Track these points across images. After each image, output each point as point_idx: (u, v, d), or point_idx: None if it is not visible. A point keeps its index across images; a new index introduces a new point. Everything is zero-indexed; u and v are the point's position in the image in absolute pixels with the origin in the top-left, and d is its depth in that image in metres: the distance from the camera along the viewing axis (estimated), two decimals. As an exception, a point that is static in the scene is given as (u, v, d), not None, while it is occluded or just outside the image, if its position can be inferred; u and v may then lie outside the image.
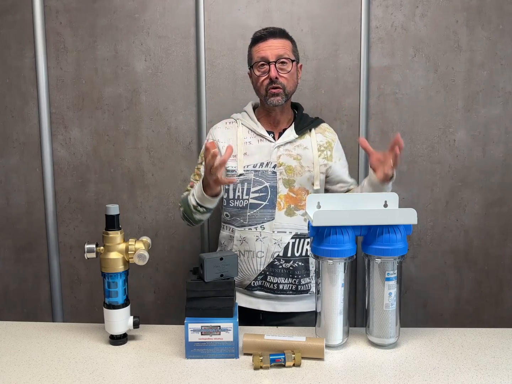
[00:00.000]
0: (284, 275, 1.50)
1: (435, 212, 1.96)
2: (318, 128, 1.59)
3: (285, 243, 1.49)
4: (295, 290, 1.51)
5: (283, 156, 1.50)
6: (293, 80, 1.50)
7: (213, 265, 1.17)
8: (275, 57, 1.45)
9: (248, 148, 1.52)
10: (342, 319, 1.18)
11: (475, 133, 1.92)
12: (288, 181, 1.49)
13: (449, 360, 1.13)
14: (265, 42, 1.46)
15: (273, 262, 1.49)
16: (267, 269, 1.50)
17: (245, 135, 1.54)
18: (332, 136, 1.61)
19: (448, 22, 1.86)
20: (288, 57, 1.47)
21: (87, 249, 1.21)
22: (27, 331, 1.31)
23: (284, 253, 1.49)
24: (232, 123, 1.59)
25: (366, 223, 1.16)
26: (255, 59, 1.48)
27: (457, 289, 2.00)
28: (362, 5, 1.85)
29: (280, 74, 1.46)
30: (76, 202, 2.01)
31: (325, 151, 1.56)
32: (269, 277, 1.50)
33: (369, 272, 1.20)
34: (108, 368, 1.11)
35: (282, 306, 1.52)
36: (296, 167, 1.50)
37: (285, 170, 1.49)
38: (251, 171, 1.50)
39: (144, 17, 1.90)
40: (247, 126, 1.55)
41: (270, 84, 1.46)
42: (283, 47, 1.47)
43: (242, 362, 1.12)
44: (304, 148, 1.53)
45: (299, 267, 1.51)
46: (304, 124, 1.56)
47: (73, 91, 1.95)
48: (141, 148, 1.97)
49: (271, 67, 1.44)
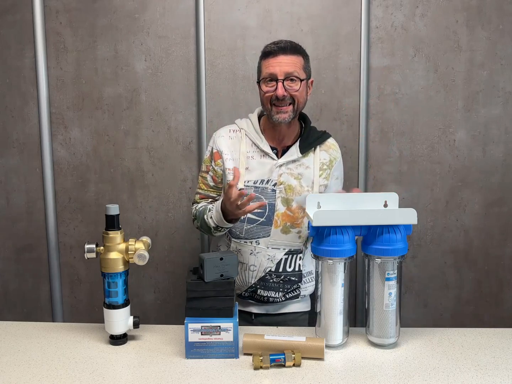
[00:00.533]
0: (275, 288, 1.50)
1: (435, 212, 1.96)
2: (324, 145, 1.54)
3: (278, 259, 1.49)
4: (285, 299, 1.52)
5: (284, 175, 1.47)
6: (302, 97, 1.44)
7: (213, 265, 1.17)
8: (284, 74, 1.39)
9: (250, 163, 1.48)
10: (342, 319, 1.18)
11: (475, 133, 1.92)
12: (286, 200, 1.47)
13: (449, 360, 1.13)
14: (275, 58, 1.40)
15: (264, 277, 1.49)
16: (258, 282, 1.49)
17: (248, 149, 1.50)
18: (336, 155, 1.56)
19: (448, 22, 1.86)
20: (297, 76, 1.40)
21: (87, 249, 1.21)
22: (27, 331, 1.31)
23: (276, 269, 1.49)
24: (236, 132, 1.54)
25: (366, 223, 1.16)
26: (263, 74, 1.43)
27: (457, 289, 2.00)
28: (362, 5, 1.85)
29: (289, 90, 1.40)
30: (76, 202, 2.01)
31: (327, 170, 1.53)
32: (259, 291, 1.50)
33: (369, 272, 1.20)
34: (108, 368, 1.11)
35: (273, 309, 1.54)
36: (296, 186, 1.47)
37: (284, 189, 1.47)
38: (251, 187, 1.47)
39: (144, 17, 1.89)
40: (251, 139, 1.50)
41: (276, 101, 1.41)
42: (294, 64, 1.40)
43: (242, 362, 1.12)
44: (306, 167, 1.49)
45: (290, 281, 1.51)
46: (310, 141, 1.51)
47: (73, 91, 1.95)
48: (141, 148, 1.97)
49: (279, 85, 1.39)
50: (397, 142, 1.92)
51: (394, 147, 1.93)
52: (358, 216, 1.15)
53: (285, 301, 1.52)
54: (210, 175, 1.54)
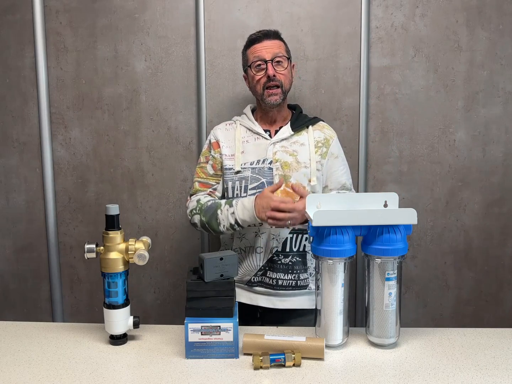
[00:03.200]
0: (284, 270, 1.52)
1: (435, 212, 1.96)
2: (316, 125, 1.61)
3: (283, 238, 1.51)
4: (294, 286, 1.53)
5: (279, 152, 1.52)
6: (289, 78, 1.55)
7: (213, 265, 1.17)
8: (271, 55, 1.49)
9: (245, 146, 1.55)
10: (342, 319, 1.18)
11: (475, 133, 1.92)
12: (284, 176, 1.50)
13: (449, 360, 1.13)
14: (261, 43, 1.51)
15: (272, 258, 1.52)
16: (267, 264, 1.52)
17: (243, 135, 1.58)
18: (331, 133, 1.61)
19: (448, 22, 1.86)
20: (284, 55, 1.52)
21: (87, 249, 1.21)
22: (27, 331, 1.31)
23: (283, 248, 1.52)
24: (231, 124, 1.63)
25: (366, 223, 1.16)
26: (252, 59, 1.52)
27: (457, 289, 2.00)
28: (362, 5, 1.85)
29: (277, 71, 1.50)
30: (76, 202, 2.01)
31: (322, 148, 1.56)
32: (268, 273, 1.52)
33: (369, 272, 1.20)
34: (108, 368, 1.11)
35: (281, 302, 1.54)
36: (292, 163, 1.52)
37: (281, 166, 1.51)
38: (248, 169, 1.52)
39: (144, 17, 1.90)
40: (245, 126, 1.59)
41: (268, 82, 1.49)
42: (278, 47, 1.51)
43: (242, 362, 1.12)
44: (301, 144, 1.55)
45: (297, 262, 1.53)
46: (301, 122, 1.59)
47: (73, 91, 1.95)
48: (141, 148, 1.97)
49: (268, 65, 1.48)
50: (397, 142, 1.93)
51: (394, 147, 1.93)
52: (358, 216, 1.15)
53: (295, 290, 1.53)
54: (210, 164, 1.58)
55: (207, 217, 1.49)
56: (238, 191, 1.53)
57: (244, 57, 1.58)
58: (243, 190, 1.52)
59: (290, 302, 1.54)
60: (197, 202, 1.53)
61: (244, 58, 1.59)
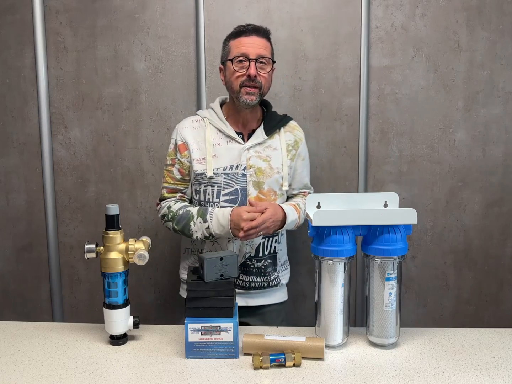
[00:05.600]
0: (256, 273, 1.53)
1: (435, 212, 1.96)
2: (287, 126, 1.57)
3: (256, 244, 1.51)
4: (266, 286, 1.55)
5: (253, 158, 1.48)
6: (269, 81, 1.47)
7: (213, 265, 1.17)
8: (256, 55, 1.41)
9: (217, 150, 1.48)
10: (342, 319, 1.18)
11: (475, 133, 1.92)
12: (258, 183, 1.48)
13: (449, 360, 1.13)
14: (249, 37, 1.41)
15: (245, 262, 1.52)
16: (239, 268, 1.51)
17: (213, 136, 1.49)
18: (300, 135, 1.60)
19: (448, 22, 1.86)
20: (269, 57, 1.44)
21: (87, 249, 1.21)
22: (27, 331, 1.31)
23: (256, 253, 1.52)
24: (199, 121, 1.53)
25: (366, 223, 1.16)
26: (235, 53, 1.42)
27: (457, 289, 2.00)
28: (362, 5, 1.85)
29: (259, 73, 1.42)
30: (76, 202, 2.01)
31: (292, 151, 1.56)
32: (241, 276, 1.53)
33: (369, 272, 1.20)
34: (108, 368, 1.11)
35: (253, 300, 1.56)
36: (265, 169, 1.49)
37: (255, 172, 1.48)
38: (221, 174, 1.47)
39: (144, 17, 1.89)
40: (215, 126, 1.50)
41: (248, 81, 1.41)
42: (265, 47, 1.43)
43: (242, 362, 1.12)
44: (274, 149, 1.52)
45: (269, 265, 1.55)
46: (273, 123, 1.53)
47: (73, 91, 1.95)
48: (141, 148, 1.97)
49: (251, 64, 1.39)
50: (397, 142, 1.93)
51: (394, 147, 1.93)
52: (358, 216, 1.15)
53: (266, 289, 1.55)
54: (176, 167, 1.52)
55: (179, 227, 1.48)
56: (210, 196, 1.49)
57: (226, 48, 1.47)
58: (216, 195, 1.48)
59: (263, 299, 1.57)
60: (167, 209, 1.51)
61: (225, 49, 1.48)
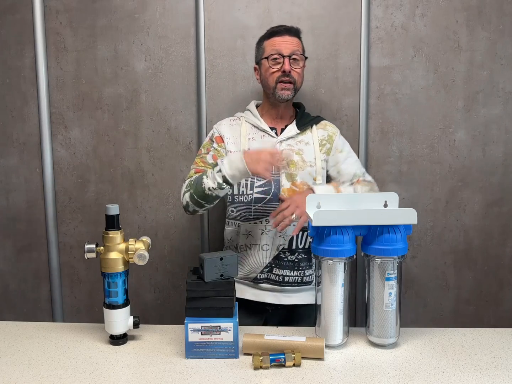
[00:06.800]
0: (290, 267, 1.53)
1: (435, 212, 1.96)
2: (319, 124, 1.62)
3: (290, 235, 1.52)
4: (300, 282, 1.55)
5: (286, 151, 1.53)
6: (302, 76, 1.55)
7: (213, 265, 1.17)
8: (290, 51, 1.49)
9: (251, 144, 1.54)
10: (342, 319, 1.18)
11: (475, 133, 1.92)
12: (290, 175, 1.52)
13: (449, 360, 1.13)
14: (281, 37, 1.50)
15: (278, 255, 1.53)
16: (273, 261, 1.53)
17: (248, 132, 1.57)
18: (333, 130, 1.63)
19: (448, 22, 1.86)
20: (301, 54, 1.52)
21: (87, 249, 1.21)
22: (27, 331, 1.31)
23: (289, 246, 1.53)
24: (235, 120, 1.62)
25: (366, 223, 1.16)
26: (269, 51, 1.50)
27: (457, 289, 2.00)
28: (362, 5, 1.85)
29: (293, 68, 1.50)
30: (76, 202, 2.01)
31: (326, 145, 1.59)
32: (275, 269, 1.53)
33: (369, 272, 1.20)
34: (108, 368, 1.11)
35: (286, 298, 1.55)
36: (298, 161, 1.53)
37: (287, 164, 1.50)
38: None
39: (144, 17, 1.89)
40: (250, 123, 1.58)
41: (282, 77, 1.49)
42: (297, 44, 1.52)
43: (242, 362, 1.12)
44: (306, 143, 1.56)
45: (303, 259, 1.55)
46: (306, 120, 1.60)
47: (73, 91, 1.95)
48: (141, 148, 1.97)
49: (285, 60, 1.48)
50: (397, 142, 1.93)
51: (394, 147, 1.93)
52: (358, 216, 1.15)
53: (300, 286, 1.54)
54: (210, 154, 1.54)
55: (193, 188, 1.41)
56: (244, 188, 1.53)
57: (260, 48, 1.56)
58: (249, 187, 1.52)
59: (296, 298, 1.56)
60: (188, 182, 1.47)
61: (259, 49, 1.57)
